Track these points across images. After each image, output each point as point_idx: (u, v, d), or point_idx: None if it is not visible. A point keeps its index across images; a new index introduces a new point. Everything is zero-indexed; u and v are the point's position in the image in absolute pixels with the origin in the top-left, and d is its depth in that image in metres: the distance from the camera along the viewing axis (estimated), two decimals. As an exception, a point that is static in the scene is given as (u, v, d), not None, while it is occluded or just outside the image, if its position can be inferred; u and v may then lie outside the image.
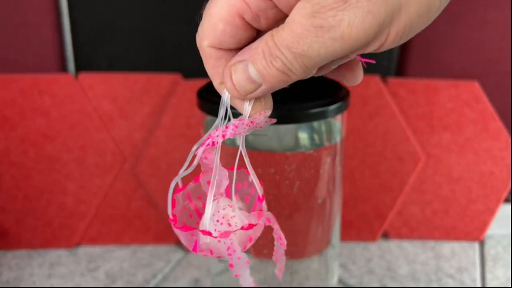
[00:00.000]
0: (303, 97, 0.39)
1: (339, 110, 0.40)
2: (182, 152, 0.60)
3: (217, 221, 0.26)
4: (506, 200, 0.68)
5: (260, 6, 0.22)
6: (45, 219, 0.62)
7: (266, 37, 0.22)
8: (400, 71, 0.65)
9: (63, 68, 0.62)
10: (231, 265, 0.26)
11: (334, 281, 0.50)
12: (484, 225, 0.66)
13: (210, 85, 0.43)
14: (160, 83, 0.60)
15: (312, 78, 0.40)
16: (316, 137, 0.42)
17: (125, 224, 0.64)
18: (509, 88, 0.64)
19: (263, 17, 0.23)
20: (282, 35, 0.21)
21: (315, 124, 0.42)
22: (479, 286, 0.59)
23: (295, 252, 0.46)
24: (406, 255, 0.64)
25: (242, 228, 0.26)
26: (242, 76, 0.23)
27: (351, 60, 0.25)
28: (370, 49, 0.21)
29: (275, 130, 0.40)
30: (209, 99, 0.40)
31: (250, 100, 0.24)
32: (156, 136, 0.60)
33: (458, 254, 0.64)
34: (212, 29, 0.23)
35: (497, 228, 0.68)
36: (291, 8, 0.21)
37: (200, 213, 0.27)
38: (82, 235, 0.64)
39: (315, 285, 0.47)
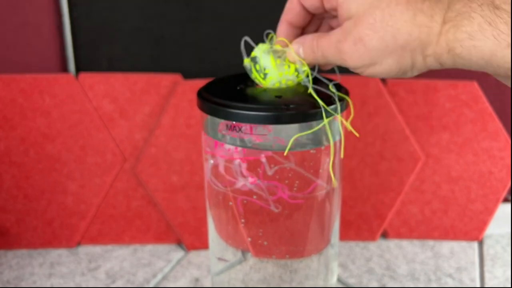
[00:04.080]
0: (303, 98, 0.40)
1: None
2: (182, 152, 0.61)
3: None
4: (505, 200, 0.68)
5: (331, 6, 0.36)
6: (45, 219, 0.62)
7: (314, 36, 0.38)
8: (400, 71, 0.65)
9: (64, 68, 0.62)
10: None
11: (333, 281, 0.50)
12: (483, 224, 0.66)
13: (210, 85, 0.43)
14: (160, 83, 0.60)
15: (312, 79, 0.40)
16: (315, 136, 0.42)
17: (125, 224, 0.64)
18: (508, 88, 0.65)
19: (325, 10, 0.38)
20: (322, 42, 0.37)
21: (315, 123, 0.42)
22: (478, 286, 0.59)
23: (294, 251, 0.46)
24: (406, 255, 0.64)
25: None
26: (296, 49, 0.40)
27: None
28: (355, 70, 0.36)
29: (275, 130, 0.41)
30: (209, 99, 0.40)
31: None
32: (156, 136, 0.60)
33: (457, 253, 0.64)
34: (289, 10, 0.40)
35: (496, 227, 0.68)
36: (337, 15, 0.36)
37: None
38: (82, 234, 0.64)
39: (314, 285, 0.47)
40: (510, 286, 0.59)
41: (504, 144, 0.63)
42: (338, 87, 0.42)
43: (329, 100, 0.39)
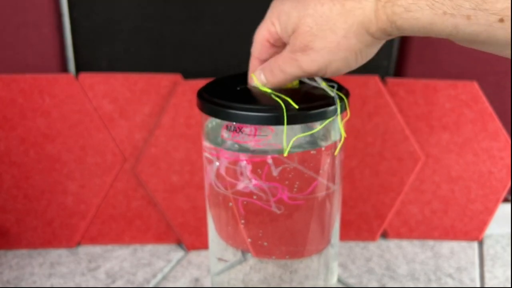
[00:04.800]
0: (303, 99, 0.39)
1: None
2: (182, 152, 0.61)
3: None
4: (505, 200, 0.68)
5: (276, 37, 0.39)
6: (45, 219, 0.62)
7: (272, 58, 0.39)
8: (399, 71, 0.65)
9: (64, 68, 0.62)
10: None
11: (333, 281, 0.50)
12: (483, 224, 0.66)
13: (210, 86, 0.43)
14: (160, 83, 0.60)
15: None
16: (315, 137, 0.42)
17: (125, 224, 0.64)
18: (508, 88, 0.65)
19: (279, 42, 0.39)
20: (278, 59, 0.38)
21: (315, 124, 0.42)
22: (478, 286, 0.59)
23: (295, 251, 0.46)
24: (405, 255, 0.64)
25: None
26: (257, 76, 0.41)
27: None
28: (317, 76, 0.38)
29: (275, 130, 0.41)
30: (209, 99, 0.40)
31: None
32: (156, 136, 0.60)
33: (457, 253, 0.64)
34: (256, 48, 0.41)
35: (496, 227, 0.68)
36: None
37: None
38: (82, 234, 0.64)
39: (314, 285, 0.47)
40: (510, 286, 0.59)
41: (504, 144, 0.63)
42: (338, 87, 0.42)
43: (327, 101, 0.39)
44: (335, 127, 0.43)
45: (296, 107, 0.38)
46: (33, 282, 0.58)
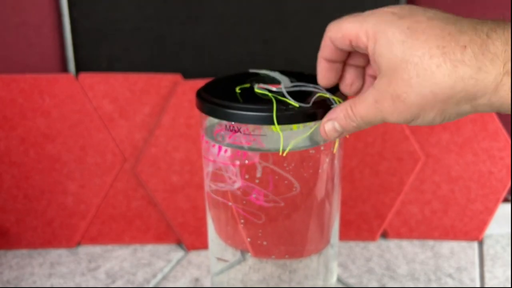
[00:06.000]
0: (303, 98, 0.39)
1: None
2: (182, 152, 0.61)
3: None
4: (505, 200, 0.68)
5: (362, 46, 0.34)
6: (45, 219, 0.62)
7: (347, 106, 0.36)
8: (400, 71, 0.65)
9: (64, 68, 0.62)
10: None
11: (333, 281, 0.50)
12: (483, 224, 0.66)
13: (209, 86, 0.43)
14: (160, 83, 0.60)
15: (311, 79, 0.40)
16: (315, 137, 0.42)
17: (125, 224, 0.64)
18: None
19: (359, 51, 0.36)
20: (359, 109, 0.35)
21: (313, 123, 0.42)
22: (478, 286, 0.59)
23: (294, 251, 0.46)
24: (405, 255, 0.64)
25: None
26: (330, 128, 0.37)
27: None
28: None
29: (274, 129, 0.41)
30: (208, 99, 0.40)
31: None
32: (156, 136, 0.60)
33: (457, 253, 0.64)
34: (324, 48, 0.37)
35: (496, 227, 0.68)
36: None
37: None
38: (82, 234, 0.64)
39: (314, 285, 0.47)
40: (510, 286, 0.59)
41: (504, 144, 0.63)
42: (338, 87, 0.42)
43: (324, 101, 0.39)
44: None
45: (296, 105, 0.38)
46: (33, 282, 0.58)
